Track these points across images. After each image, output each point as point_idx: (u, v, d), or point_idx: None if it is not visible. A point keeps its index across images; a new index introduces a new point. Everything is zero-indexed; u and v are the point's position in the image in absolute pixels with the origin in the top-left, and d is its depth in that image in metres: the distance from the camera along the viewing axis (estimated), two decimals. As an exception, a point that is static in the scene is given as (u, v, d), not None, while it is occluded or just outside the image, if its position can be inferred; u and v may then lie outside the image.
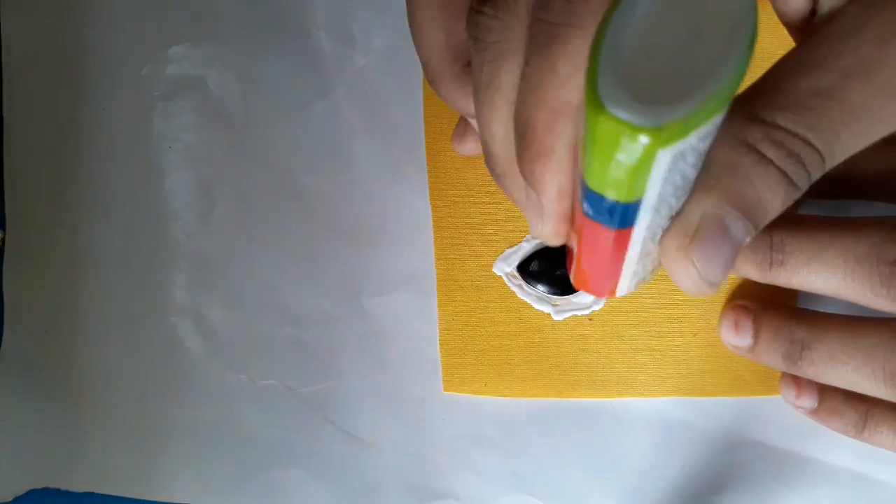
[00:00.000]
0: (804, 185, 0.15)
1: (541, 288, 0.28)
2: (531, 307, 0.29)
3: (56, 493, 0.31)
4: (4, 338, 0.31)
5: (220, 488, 0.31)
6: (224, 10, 0.30)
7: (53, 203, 0.31)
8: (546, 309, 0.29)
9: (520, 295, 0.29)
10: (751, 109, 0.15)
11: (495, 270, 0.30)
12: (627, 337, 0.29)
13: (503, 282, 0.29)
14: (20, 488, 0.31)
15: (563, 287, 0.28)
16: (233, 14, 0.30)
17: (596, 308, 0.29)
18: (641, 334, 0.30)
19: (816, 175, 0.15)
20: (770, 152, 0.15)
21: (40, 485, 0.31)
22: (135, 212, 0.31)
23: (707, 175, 0.15)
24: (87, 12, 0.30)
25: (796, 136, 0.15)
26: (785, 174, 0.15)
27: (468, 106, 0.20)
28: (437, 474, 0.30)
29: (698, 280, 0.16)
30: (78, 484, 0.31)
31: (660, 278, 0.29)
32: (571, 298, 0.29)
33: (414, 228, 0.30)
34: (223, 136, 0.30)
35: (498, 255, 0.30)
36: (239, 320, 0.31)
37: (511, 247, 0.30)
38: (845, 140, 0.15)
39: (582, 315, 0.28)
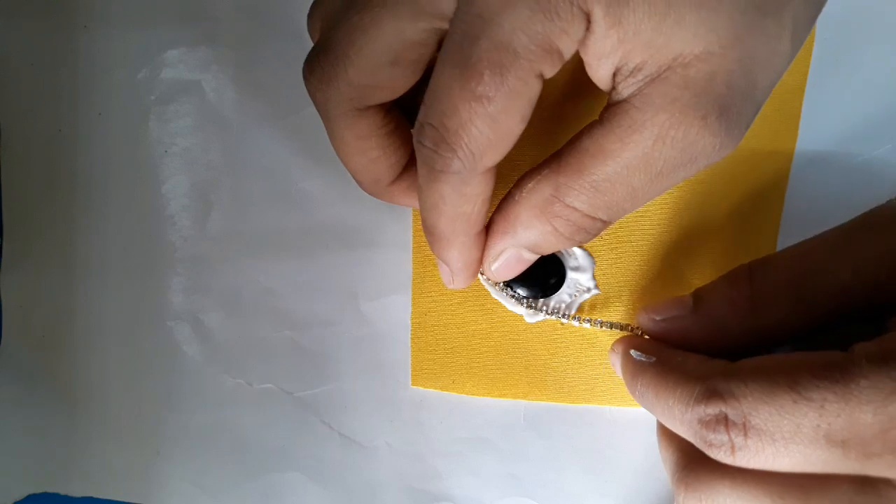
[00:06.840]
0: (587, 240, 0.22)
1: (516, 290, 0.28)
2: (505, 308, 0.29)
3: (55, 497, 0.31)
4: (3, 343, 0.31)
5: (218, 492, 0.31)
6: (219, 13, 0.30)
7: (50, 208, 0.31)
8: (519, 311, 0.28)
9: (494, 295, 0.29)
10: (555, 185, 0.21)
11: None
12: (599, 344, 0.29)
13: (479, 281, 0.29)
14: (19, 493, 0.31)
15: (538, 290, 0.28)
16: (228, 17, 0.30)
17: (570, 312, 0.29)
18: (613, 342, 0.29)
19: (598, 233, 0.22)
20: (562, 226, 0.21)
21: (39, 489, 0.31)
22: (131, 217, 0.31)
23: (511, 224, 0.22)
24: (82, 17, 0.30)
25: (587, 215, 0.21)
26: (573, 240, 0.22)
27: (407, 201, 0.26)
28: (434, 477, 0.30)
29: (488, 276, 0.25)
30: (76, 488, 0.31)
31: (639, 290, 0.29)
32: (546, 301, 0.29)
33: (410, 231, 0.30)
34: (219, 140, 0.30)
35: None
36: (236, 324, 0.31)
37: None
38: (626, 209, 0.21)
39: (555, 319, 0.28)
